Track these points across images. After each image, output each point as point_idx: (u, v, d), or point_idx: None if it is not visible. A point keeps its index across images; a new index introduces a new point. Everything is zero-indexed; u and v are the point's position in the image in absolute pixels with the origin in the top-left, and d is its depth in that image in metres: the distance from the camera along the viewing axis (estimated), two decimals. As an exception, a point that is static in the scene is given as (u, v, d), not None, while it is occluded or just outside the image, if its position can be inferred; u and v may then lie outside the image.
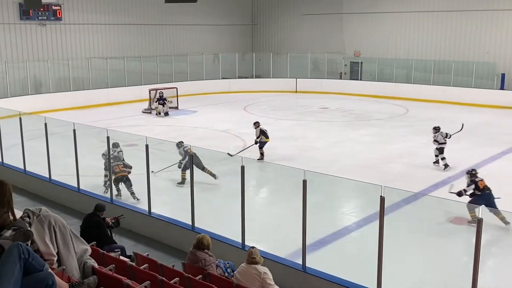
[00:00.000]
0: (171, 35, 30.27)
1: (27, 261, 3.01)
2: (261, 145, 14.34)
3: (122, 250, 7.19)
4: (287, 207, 10.59)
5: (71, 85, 24.34)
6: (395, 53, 28.56)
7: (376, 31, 29.40)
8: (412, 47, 28.09)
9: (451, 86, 25.64)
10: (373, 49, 29.34)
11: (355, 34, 30.30)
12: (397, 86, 27.16)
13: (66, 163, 12.27)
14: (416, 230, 9.49)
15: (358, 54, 30.27)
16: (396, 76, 27.82)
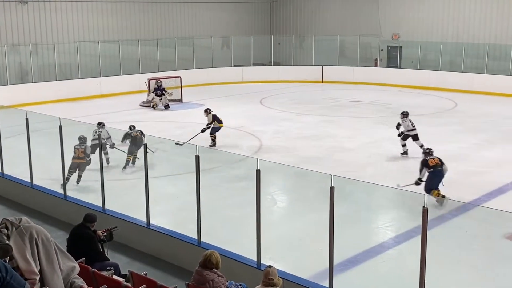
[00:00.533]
0: (174, 15, 30.41)
1: (5, 280, 3.03)
2: (213, 131, 16.00)
3: (116, 268, 7.24)
4: (311, 219, 10.56)
5: (56, 74, 24.58)
6: (441, 35, 28.32)
7: (419, 10, 29.17)
8: (462, 29, 27.82)
9: (508, 75, 25.33)
10: (415, 31, 29.13)
11: (394, 13, 30.10)
12: (443, 75, 26.91)
13: (51, 166, 12.40)
14: (465, 247, 9.40)
15: (396, 37, 30.08)
16: (443, 63, 27.56)
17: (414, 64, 28.55)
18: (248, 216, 8.46)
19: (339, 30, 31.12)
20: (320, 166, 12.95)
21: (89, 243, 7.47)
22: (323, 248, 7.18)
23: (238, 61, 30.13)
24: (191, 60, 28.61)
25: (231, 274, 6.84)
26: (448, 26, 28.35)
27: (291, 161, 13.98)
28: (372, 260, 9.12)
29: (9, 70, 23.36)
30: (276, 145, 16.18)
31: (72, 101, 23.37)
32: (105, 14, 27.67)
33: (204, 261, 6.17)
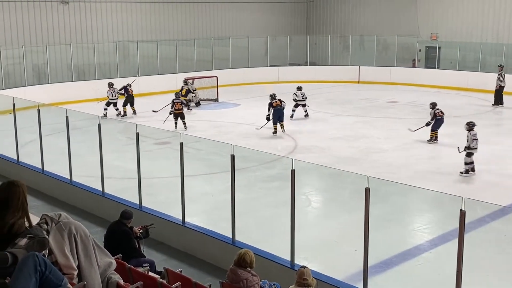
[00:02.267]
0: (211, 15, 30.59)
1: (44, 274, 3.09)
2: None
3: (152, 265, 7.31)
4: (345, 220, 10.49)
5: (96, 73, 25.02)
6: (481, 36, 27.74)
7: (458, 10, 28.65)
8: (502, 29, 27.20)
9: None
10: (454, 31, 28.62)
11: (432, 13, 29.63)
12: (482, 76, 26.33)
13: (89, 163, 12.63)
14: (504, 251, 9.19)
15: (435, 37, 29.61)
16: (482, 64, 26.99)
17: (453, 64, 28.05)
18: (282, 216, 8.46)
19: (376, 30, 30.81)
20: (355, 167, 12.84)
21: (126, 239, 7.56)
22: (358, 249, 7.12)
23: (274, 61, 30.12)
24: (228, 60, 28.72)
25: (265, 274, 6.84)
26: (488, 26, 27.76)
27: (326, 162, 13.90)
28: (407, 262, 9.01)
29: (50, 69, 23.87)
30: (311, 146, 16.12)
31: (111, 99, 23.68)
32: (143, 14, 28.02)
33: (238, 260, 6.19)
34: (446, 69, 28.18)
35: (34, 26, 24.55)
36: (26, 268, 3.04)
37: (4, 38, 23.55)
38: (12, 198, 3.68)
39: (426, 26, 29.88)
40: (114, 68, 25.72)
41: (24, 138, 13.79)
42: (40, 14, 24.68)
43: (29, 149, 13.77)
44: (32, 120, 12.50)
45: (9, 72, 23.20)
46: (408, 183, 10.86)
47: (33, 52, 24.00)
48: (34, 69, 24.34)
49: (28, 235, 3.52)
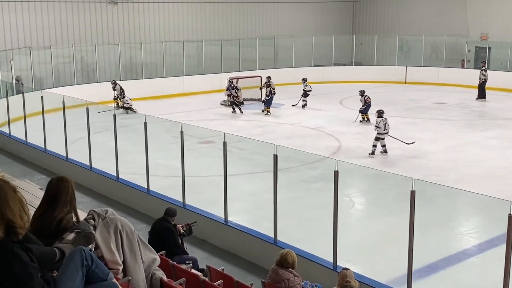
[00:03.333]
0: (256, 15, 30.66)
1: (90, 268, 3.16)
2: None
3: (194, 262, 7.40)
4: (390, 223, 10.36)
5: (143, 72, 25.45)
6: (535, 35, 26.91)
7: (509, 10, 27.85)
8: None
9: None
10: (505, 31, 27.84)
11: (483, 12, 28.92)
12: (536, 78, 25.57)
13: (135, 161, 12.86)
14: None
15: (485, 37, 28.89)
16: (535, 64, 26.21)
17: (504, 65, 27.30)
18: (324, 217, 8.42)
19: (424, 29, 30.26)
20: (401, 169, 12.66)
21: (170, 236, 7.67)
22: (402, 252, 7.03)
23: (319, 60, 29.96)
24: (272, 59, 28.73)
25: (306, 275, 6.83)
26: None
27: (370, 163, 13.77)
28: (453, 267, 8.84)
29: (98, 68, 24.42)
30: (355, 146, 15.98)
31: (156, 99, 24.08)
32: (189, 15, 28.33)
33: (280, 260, 6.20)
34: (496, 70, 27.43)
35: (84, 26, 25.14)
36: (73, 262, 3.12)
37: (55, 37, 24.23)
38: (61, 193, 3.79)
39: (476, 26, 29.18)
40: (161, 68, 26.10)
41: (73, 135, 14.15)
42: (90, 14, 25.26)
43: (77, 146, 14.11)
44: (81, 118, 12.81)
45: (60, 71, 23.84)
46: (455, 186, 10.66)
47: (83, 52, 24.59)
48: (83, 68, 24.95)
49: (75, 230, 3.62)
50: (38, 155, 14.54)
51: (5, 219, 2.77)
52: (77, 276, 3.09)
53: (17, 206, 2.86)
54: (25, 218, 2.90)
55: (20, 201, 2.90)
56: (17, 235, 2.82)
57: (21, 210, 2.89)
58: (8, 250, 2.78)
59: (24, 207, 2.92)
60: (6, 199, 2.82)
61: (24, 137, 15.33)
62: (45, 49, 23.16)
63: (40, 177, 13.13)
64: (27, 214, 2.93)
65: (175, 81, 25.54)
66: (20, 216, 2.86)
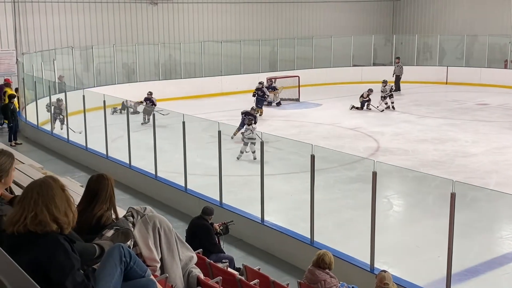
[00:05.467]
0: (294, 15, 30.58)
1: (129, 265, 3.21)
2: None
3: (231, 261, 7.42)
4: (429, 225, 10.19)
5: (182, 72, 25.69)
6: None
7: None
8: None
9: None
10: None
11: (527, 11, 28.15)
12: None
13: (173, 159, 12.99)
14: None
15: (530, 36, 28.15)
16: None
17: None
18: (361, 219, 8.35)
19: (466, 29, 29.65)
20: (441, 171, 12.44)
21: (207, 235, 7.71)
22: (441, 256, 6.91)
23: (358, 61, 29.70)
24: (310, 59, 28.62)
25: (343, 276, 6.78)
26: None
27: (409, 165, 13.56)
28: (494, 271, 8.64)
29: (138, 67, 24.77)
30: (394, 147, 15.77)
31: (195, 98, 24.28)
32: (228, 15, 28.45)
33: (317, 261, 6.17)
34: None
35: (125, 26, 25.51)
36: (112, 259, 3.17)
37: (97, 37, 24.66)
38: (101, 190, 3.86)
39: (520, 25, 28.45)
40: (199, 67, 26.31)
41: (113, 134, 14.37)
42: (131, 15, 25.62)
43: (117, 144, 14.33)
44: (121, 117, 13.01)
45: (101, 70, 24.28)
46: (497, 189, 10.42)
47: (123, 51, 24.94)
48: (124, 68, 25.33)
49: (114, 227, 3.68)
50: (79, 153, 14.83)
51: (50, 215, 2.87)
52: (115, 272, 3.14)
53: (63, 204, 2.96)
54: (71, 216, 2.99)
55: (67, 199, 3.00)
56: (63, 231, 2.92)
57: (67, 208, 2.98)
58: (54, 240, 2.89)
59: (71, 206, 3.01)
60: (53, 196, 2.91)
61: (66, 136, 15.68)
62: (86, 49, 23.62)
63: (80, 174, 13.39)
64: (73, 212, 3.02)
65: (214, 81, 25.70)
66: (66, 213, 2.95)
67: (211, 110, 21.01)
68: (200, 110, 20.69)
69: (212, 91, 25.17)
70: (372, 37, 30.02)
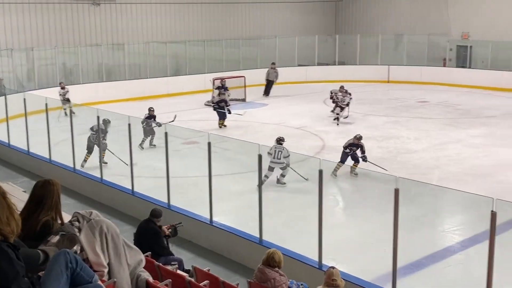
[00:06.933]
0: (239, 16, 30.66)
1: (75, 271, 3.15)
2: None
3: (180, 263, 7.38)
4: (374, 221, 10.41)
5: (126, 73, 25.32)
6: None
7: (490, 8, 28.15)
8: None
9: None
10: (486, 30, 28.12)
11: (463, 12, 29.19)
12: (516, 76, 25.88)
13: (120, 162, 12.80)
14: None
15: (466, 36, 29.16)
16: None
17: (485, 64, 27.58)
18: (309, 216, 8.44)
19: (406, 29, 30.47)
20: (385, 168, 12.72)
21: (155, 237, 7.64)
22: (387, 250, 7.07)
23: (302, 61, 30.03)
24: (256, 60, 28.75)
25: (292, 274, 6.84)
26: (521, 24, 27.21)
27: (354, 162, 13.80)
28: (437, 264, 8.91)
29: (82, 69, 24.24)
30: (340, 146, 15.97)
31: (140, 100, 23.96)
32: (172, 16, 28.24)
33: (266, 259, 6.20)
34: (477, 69, 27.75)
35: (66, 27, 24.94)
36: (58, 265, 3.11)
37: (37, 39, 24.01)
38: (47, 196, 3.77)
39: (457, 25, 29.45)
40: (144, 69, 26.00)
41: (56, 137, 14.03)
42: (72, 16, 25.07)
43: (61, 148, 14.00)
44: (64, 120, 12.72)
45: (42, 73, 23.63)
46: (439, 184, 10.76)
47: (65, 53, 24.40)
48: (66, 70, 24.75)
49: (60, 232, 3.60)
50: (21, 158, 14.41)
51: None
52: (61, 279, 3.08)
53: (5, 212, 2.86)
54: (14, 224, 2.90)
55: (9, 207, 2.90)
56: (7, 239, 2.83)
57: (10, 216, 2.88)
58: None
59: (13, 213, 2.92)
60: None
61: (7, 140, 15.19)
62: (27, 51, 22.95)
63: (23, 179, 13.00)
64: (16, 220, 2.92)
65: (159, 82, 25.45)
66: (8, 222, 2.86)
67: (157, 112, 20.77)
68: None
69: (158, 92, 24.90)
70: (315, 37, 30.42)
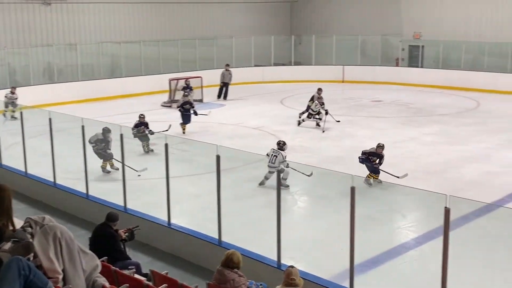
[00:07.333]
0: (195, 15, 30.52)
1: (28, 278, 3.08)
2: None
3: (137, 267, 7.29)
4: (332, 219, 10.52)
5: (79, 74, 24.85)
6: (464, 35, 27.98)
7: (441, 9, 28.88)
8: (485, 28, 27.46)
9: (533, 74, 24.97)
10: (437, 30, 28.84)
11: (415, 12, 29.84)
12: (466, 75, 26.60)
13: (73, 165, 12.54)
14: (488, 248, 9.29)
15: (418, 36, 29.82)
16: (465, 62, 27.24)
17: (436, 63, 28.28)
18: (268, 216, 8.46)
19: (360, 29, 30.94)
20: (341, 166, 12.88)
21: (111, 242, 7.53)
22: (344, 248, 7.14)
23: (258, 61, 30.13)
24: (212, 60, 28.68)
25: (252, 274, 6.84)
26: (471, 25, 27.98)
27: (312, 161, 13.94)
28: (393, 260, 9.06)
29: (32, 70, 23.66)
30: (297, 145, 16.14)
31: (95, 101, 23.60)
32: (127, 15, 27.89)
33: (225, 261, 6.19)
34: (429, 68, 28.43)
35: (16, 27, 24.31)
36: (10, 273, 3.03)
37: (-15, 39, 23.35)
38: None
39: (409, 25, 30.08)
40: (98, 70, 25.58)
41: (6, 140, 13.66)
42: (22, 16, 24.44)
43: (11, 151, 13.63)
44: (15, 123, 12.39)
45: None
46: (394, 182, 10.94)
47: (15, 54, 23.78)
48: (16, 71, 24.11)
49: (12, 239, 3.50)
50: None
51: None
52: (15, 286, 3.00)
53: None
54: None
55: None
56: None
57: None
58: None
59: None
60: None
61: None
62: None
63: (-28, 185, 12.58)
64: None
65: (114, 83, 25.08)
66: None
67: (112, 113, 20.51)
68: (101, 113, 20.12)
69: (113, 93, 24.54)
70: (271, 38, 30.55)
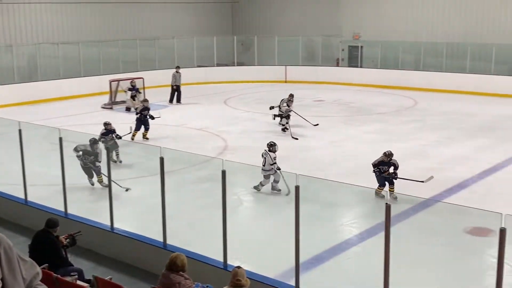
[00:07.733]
0: (136, 16, 30.09)
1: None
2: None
3: (80, 274, 7.13)
4: (277, 219, 10.59)
5: (15, 76, 24.05)
6: (401, 35, 28.76)
7: (379, 10, 29.57)
8: (421, 28, 28.30)
9: (467, 73, 25.89)
10: (375, 31, 29.52)
11: (354, 13, 30.43)
12: (403, 74, 27.35)
13: (11, 170, 12.14)
14: (428, 242, 9.56)
15: (357, 37, 30.41)
16: (403, 62, 27.99)
17: (375, 63, 28.92)
18: (214, 218, 8.44)
19: (301, 30, 31.29)
20: (286, 165, 12.98)
21: (52, 248, 7.34)
22: (289, 247, 7.21)
23: (201, 62, 30.01)
24: (154, 61, 28.36)
25: (198, 276, 6.81)
26: (407, 25, 28.76)
27: (256, 161, 13.95)
28: (337, 257, 9.21)
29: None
30: (241, 146, 16.17)
31: (32, 104, 22.90)
32: (64, 16, 27.20)
33: (170, 264, 6.13)
34: (368, 68, 29.05)
35: None
36: None
37: None
38: None
39: (348, 26, 30.64)
40: (35, 72, 24.83)
41: None
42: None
43: None
44: None
45: None
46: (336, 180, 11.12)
47: None
48: None
49: None
50: None
51: None
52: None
53: None
54: None
55: None
56: None
57: None
58: None
59: None
60: None
61: None
62: None
63: None
64: None
65: (52, 85, 24.38)
66: None
67: (51, 116, 19.96)
68: (39, 116, 19.56)
69: (51, 95, 23.87)
70: (213, 38, 30.49)
